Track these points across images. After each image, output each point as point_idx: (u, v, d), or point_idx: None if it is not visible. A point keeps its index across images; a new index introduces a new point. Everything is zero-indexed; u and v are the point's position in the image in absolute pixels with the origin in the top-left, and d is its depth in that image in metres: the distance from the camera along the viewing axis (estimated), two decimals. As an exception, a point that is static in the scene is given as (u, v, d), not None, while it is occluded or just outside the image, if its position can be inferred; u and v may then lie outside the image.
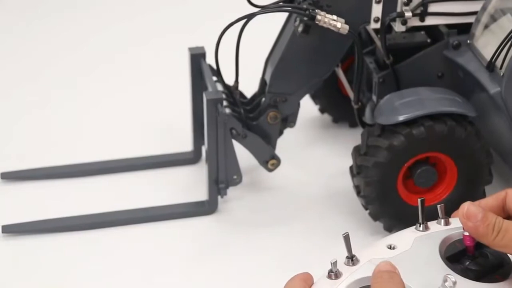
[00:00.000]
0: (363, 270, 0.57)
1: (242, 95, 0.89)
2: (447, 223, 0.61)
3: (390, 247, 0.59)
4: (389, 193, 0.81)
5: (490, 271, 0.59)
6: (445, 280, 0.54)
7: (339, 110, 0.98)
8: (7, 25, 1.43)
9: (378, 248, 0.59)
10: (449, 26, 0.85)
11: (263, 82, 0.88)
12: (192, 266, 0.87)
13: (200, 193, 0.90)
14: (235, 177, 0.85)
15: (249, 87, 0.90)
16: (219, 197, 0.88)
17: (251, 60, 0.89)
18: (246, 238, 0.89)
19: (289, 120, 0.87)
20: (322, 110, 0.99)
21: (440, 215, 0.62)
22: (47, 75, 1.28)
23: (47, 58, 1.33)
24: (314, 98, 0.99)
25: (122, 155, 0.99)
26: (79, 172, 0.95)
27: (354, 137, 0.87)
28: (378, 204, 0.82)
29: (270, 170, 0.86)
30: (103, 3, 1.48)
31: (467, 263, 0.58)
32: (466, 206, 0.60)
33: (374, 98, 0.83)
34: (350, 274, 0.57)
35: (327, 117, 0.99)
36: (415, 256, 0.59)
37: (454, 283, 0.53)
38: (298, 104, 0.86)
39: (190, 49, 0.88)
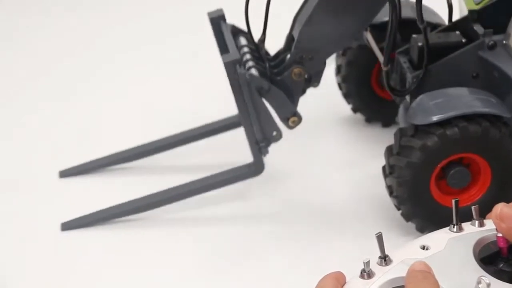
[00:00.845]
0: (396, 270, 0.57)
1: (266, 52, 0.86)
2: (481, 225, 0.60)
3: (423, 248, 0.58)
4: (422, 193, 0.80)
5: None
6: (479, 282, 0.53)
7: (372, 109, 0.97)
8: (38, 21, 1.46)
9: (411, 249, 0.59)
10: (485, 24, 0.83)
11: (289, 38, 0.86)
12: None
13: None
14: (274, 133, 0.83)
15: (273, 45, 0.89)
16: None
17: (276, 18, 0.87)
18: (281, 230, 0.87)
19: (313, 80, 0.85)
20: (355, 110, 0.98)
21: (474, 216, 0.61)
22: (70, 68, 1.31)
23: (67, 51, 1.36)
24: (347, 97, 0.99)
25: (173, 131, 0.98)
26: (130, 156, 0.96)
27: (387, 137, 0.86)
28: (411, 204, 0.81)
29: (290, 128, 0.84)
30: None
31: (501, 265, 0.57)
32: (500, 207, 0.59)
33: (408, 98, 0.82)
34: (383, 274, 0.57)
35: (359, 116, 0.98)
36: (448, 257, 0.58)
37: (488, 284, 0.52)
38: (324, 63, 0.84)
39: (209, 13, 0.86)
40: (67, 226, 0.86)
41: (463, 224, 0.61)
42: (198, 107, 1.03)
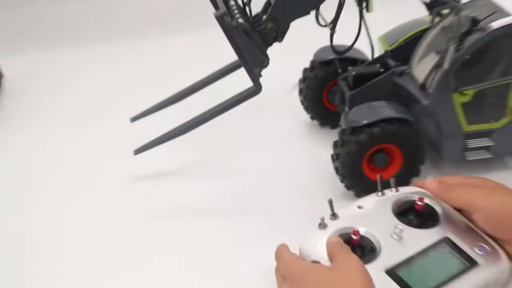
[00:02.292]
0: (341, 223, 0.70)
1: (250, 12, 0.89)
2: (397, 191, 0.75)
3: (359, 207, 0.72)
4: (357, 171, 0.88)
5: (425, 221, 0.70)
6: (395, 228, 0.67)
7: (323, 117, 1.05)
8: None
9: (351, 208, 0.72)
10: (396, 59, 0.93)
11: (267, 3, 0.90)
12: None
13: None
14: (263, 61, 0.87)
15: (257, 7, 0.90)
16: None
17: None
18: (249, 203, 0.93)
19: (279, 37, 0.88)
20: (312, 118, 1.08)
21: (392, 185, 0.75)
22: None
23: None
24: (307, 110, 1.08)
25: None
26: (178, 97, 1.05)
27: (334, 135, 0.92)
28: (350, 179, 0.89)
29: (261, 69, 0.88)
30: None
31: (411, 216, 0.70)
32: (428, 178, 0.75)
33: (346, 109, 0.91)
34: (333, 226, 0.70)
35: (315, 122, 1.08)
36: (376, 213, 0.70)
37: (401, 230, 0.66)
38: (289, 25, 0.88)
39: None
40: (139, 150, 0.95)
41: (385, 191, 0.75)
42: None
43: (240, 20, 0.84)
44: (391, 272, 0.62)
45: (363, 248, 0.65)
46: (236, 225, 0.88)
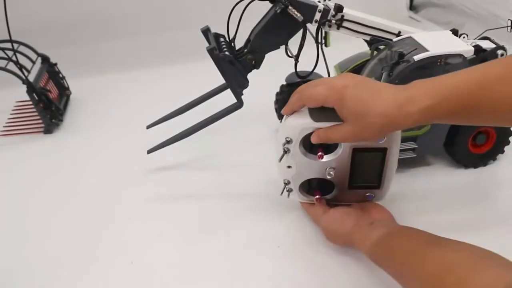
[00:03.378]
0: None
1: (235, 47, 1.02)
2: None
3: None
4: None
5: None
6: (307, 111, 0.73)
7: None
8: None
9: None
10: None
11: (248, 40, 1.02)
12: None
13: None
14: (244, 83, 0.99)
15: (240, 42, 1.04)
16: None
17: (242, 28, 1.03)
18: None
19: (256, 64, 1.00)
20: (279, 117, 1.20)
21: None
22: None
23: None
24: (280, 119, 1.19)
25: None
26: (185, 108, 1.16)
27: None
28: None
29: (240, 95, 0.99)
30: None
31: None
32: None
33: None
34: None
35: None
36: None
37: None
38: (264, 56, 1.00)
39: (200, 29, 1.03)
40: (151, 150, 1.07)
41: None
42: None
43: (227, 53, 0.97)
44: None
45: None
46: (225, 204, 1.00)
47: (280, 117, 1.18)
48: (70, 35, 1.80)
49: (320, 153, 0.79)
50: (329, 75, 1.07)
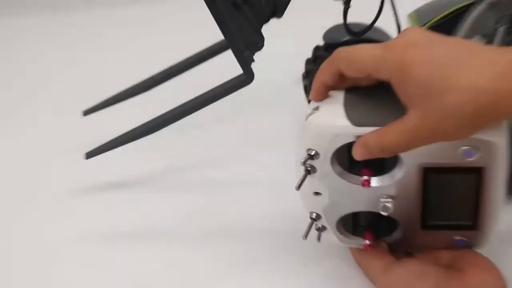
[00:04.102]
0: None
1: None
2: None
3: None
4: None
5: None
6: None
7: None
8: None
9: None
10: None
11: None
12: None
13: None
14: (257, 43, 0.83)
15: None
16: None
17: None
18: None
19: (277, 11, 0.86)
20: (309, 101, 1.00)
21: None
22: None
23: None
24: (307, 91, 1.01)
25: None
26: (144, 86, 0.98)
27: None
28: None
29: (257, 50, 0.83)
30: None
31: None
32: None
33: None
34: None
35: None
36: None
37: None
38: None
39: None
40: (91, 154, 0.88)
41: None
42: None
43: None
44: None
45: None
46: (217, 252, 0.79)
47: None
48: None
49: (365, 178, 0.62)
50: (399, 31, 0.89)
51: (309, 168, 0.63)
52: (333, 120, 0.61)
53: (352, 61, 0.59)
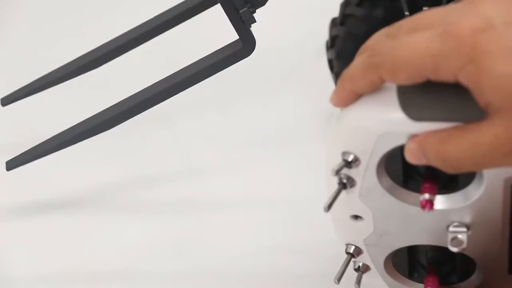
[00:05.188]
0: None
1: None
2: None
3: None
4: None
5: None
6: None
7: None
8: None
9: None
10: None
11: None
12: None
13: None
14: None
15: None
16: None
17: None
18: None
19: None
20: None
21: None
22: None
23: None
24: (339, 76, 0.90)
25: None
26: (90, 62, 0.81)
27: None
28: None
29: (259, 5, 0.70)
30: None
31: None
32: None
33: None
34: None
35: None
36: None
37: None
38: None
39: None
40: (12, 164, 0.75)
41: None
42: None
43: None
44: None
45: None
46: None
47: (340, 73, 0.88)
48: None
49: (426, 196, 0.53)
50: None
51: (344, 181, 0.55)
52: (382, 112, 0.53)
53: (400, 66, 0.50)
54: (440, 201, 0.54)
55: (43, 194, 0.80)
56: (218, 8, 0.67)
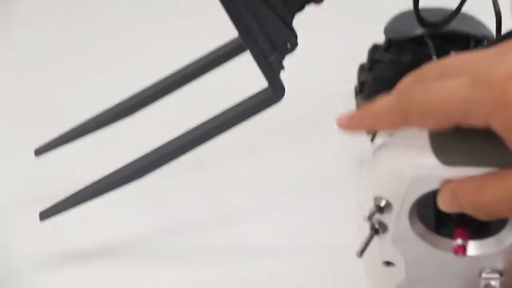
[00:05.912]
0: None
1: None
2: None
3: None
4: None
5: None
6: None
7: None
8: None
9: None
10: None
11: None
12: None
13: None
14: (288, 43, 0.71)
15: None
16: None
17: None
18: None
19: None
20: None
21: None
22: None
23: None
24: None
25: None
26: (109, 118, 0.83)
27: None
28: None
29: (287, 52, 0.71)
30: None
31: None
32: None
33: None
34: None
35: None
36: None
37: None
38: None
39: None
40: (45, 214, 0.76)
41: None
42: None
43: None
44: None
45: None
46: None
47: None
48: None
49: (459, 242, 0.54)
50: (498, 20, 0.73)
51: (376, 226, 0.55)
52: (414, 157, 0.53)
53: (429, 112, 0.50)
54: (473, 247, 0.54)
55: (75, 243, 0.79)
56: (247, 55, 0.68)
